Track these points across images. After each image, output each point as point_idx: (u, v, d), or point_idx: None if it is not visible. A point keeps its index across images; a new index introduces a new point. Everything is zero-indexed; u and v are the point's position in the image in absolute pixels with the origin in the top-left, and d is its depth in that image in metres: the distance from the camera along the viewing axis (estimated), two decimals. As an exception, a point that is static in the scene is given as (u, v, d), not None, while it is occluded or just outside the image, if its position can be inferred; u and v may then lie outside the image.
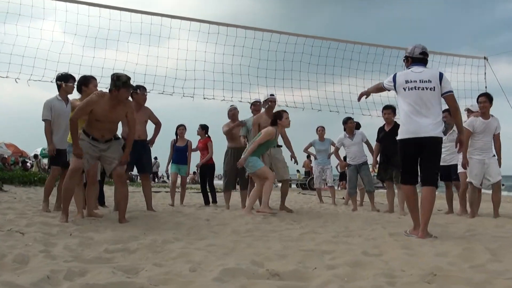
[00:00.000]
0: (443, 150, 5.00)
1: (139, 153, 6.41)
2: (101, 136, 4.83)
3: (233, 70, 7.94)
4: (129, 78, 4.75)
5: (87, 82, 5.52)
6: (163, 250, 3.26)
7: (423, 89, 4.13)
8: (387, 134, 7.29)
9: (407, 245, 3.54)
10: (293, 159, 7.29)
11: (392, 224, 5.21)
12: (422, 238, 3.95)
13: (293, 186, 21.17)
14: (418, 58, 4.33)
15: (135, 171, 7.35)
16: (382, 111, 7.47)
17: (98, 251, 3.16)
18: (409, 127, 4.14)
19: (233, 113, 7.70)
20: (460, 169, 6.75)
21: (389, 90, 4.48)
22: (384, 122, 7.47)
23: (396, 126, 7.31)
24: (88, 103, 4.67)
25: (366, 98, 4.98)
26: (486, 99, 6.29)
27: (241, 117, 7.73)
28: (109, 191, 9.75)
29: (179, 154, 8.74)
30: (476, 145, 6.29)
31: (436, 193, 4.31)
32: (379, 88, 4.66)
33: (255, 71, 8.03)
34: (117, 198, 5.07)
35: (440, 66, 8.64)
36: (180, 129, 8.78)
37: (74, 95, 5.84)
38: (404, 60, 4.47)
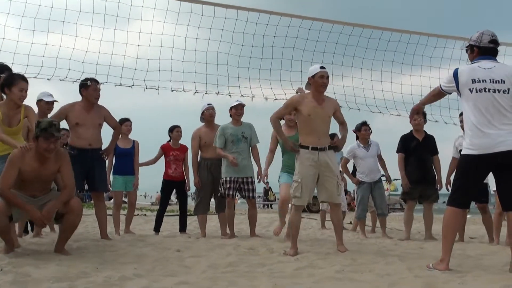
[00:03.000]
0: None
1: (90, 165, 6.25)
2: (32, 196, 4.73)
3: (208, 59, 8.09)
4: (52, 124, 4.57)
5: (10, 83, 5.14)
6: (121, 290, 3.25)
7: (494, 91, 4.02)
8: (420, 145, 7.36)
9: (430, 283, 3.57)
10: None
11: (412, 255, 5.25)
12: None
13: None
14: (488, 49, 4.21)
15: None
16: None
17: (37, 292, 3.13)
18: (479, 141, 4.02)
19: (210, 113, 7.38)
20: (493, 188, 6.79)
21: (450, 94, 4.44)
22: (411, 129, 7.52)
23: (429, 137, 7.47)
24: (11, 165, 4.50)
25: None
26: None
27: (219, 120, 7.49)
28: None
29: (124, 160, 7.81)
30: None
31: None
32: (437, 95, 4.57)
33: (235, 60, 8.14)
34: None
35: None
36: (126, 125, 7.89)
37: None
38: (467, 51, 4.37)
